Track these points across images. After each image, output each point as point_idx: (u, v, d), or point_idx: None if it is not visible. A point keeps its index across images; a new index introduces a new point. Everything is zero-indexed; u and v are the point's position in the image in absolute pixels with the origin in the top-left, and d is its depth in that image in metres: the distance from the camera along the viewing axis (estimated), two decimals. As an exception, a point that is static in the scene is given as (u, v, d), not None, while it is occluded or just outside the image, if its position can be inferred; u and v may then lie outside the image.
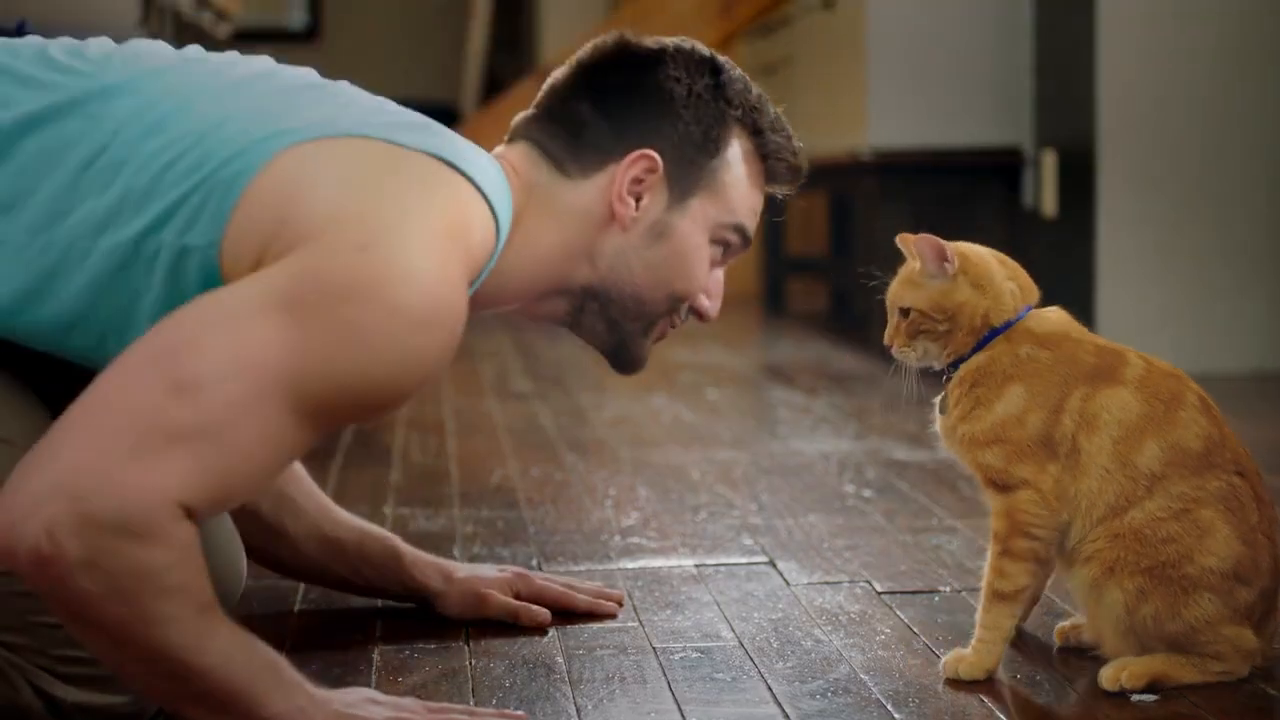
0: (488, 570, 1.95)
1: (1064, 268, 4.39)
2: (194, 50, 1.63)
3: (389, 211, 1.43)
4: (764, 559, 2.22)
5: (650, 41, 1.70)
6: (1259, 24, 4.22)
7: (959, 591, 2.04)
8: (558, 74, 1.72)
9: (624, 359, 1.75)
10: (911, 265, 1.79)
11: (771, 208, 1.81)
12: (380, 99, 1.62)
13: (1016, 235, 4.72)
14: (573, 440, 3.24)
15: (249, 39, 9.55)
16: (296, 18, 11.35)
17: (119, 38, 1.63)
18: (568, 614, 1.92)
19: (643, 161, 1.64)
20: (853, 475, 2.85)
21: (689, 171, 1.66)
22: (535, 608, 1.89)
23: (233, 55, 1.64)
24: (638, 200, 1.65)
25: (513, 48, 10.23)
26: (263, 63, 1.62)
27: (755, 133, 1.71)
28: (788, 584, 2.09)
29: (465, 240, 1.49)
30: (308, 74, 1.63)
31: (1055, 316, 1.76)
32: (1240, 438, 1.72)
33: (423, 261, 1.41)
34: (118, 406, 1.33)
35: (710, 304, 1.73)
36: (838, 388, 4.05)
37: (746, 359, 4.84)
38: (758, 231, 1.82)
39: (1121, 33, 4.21)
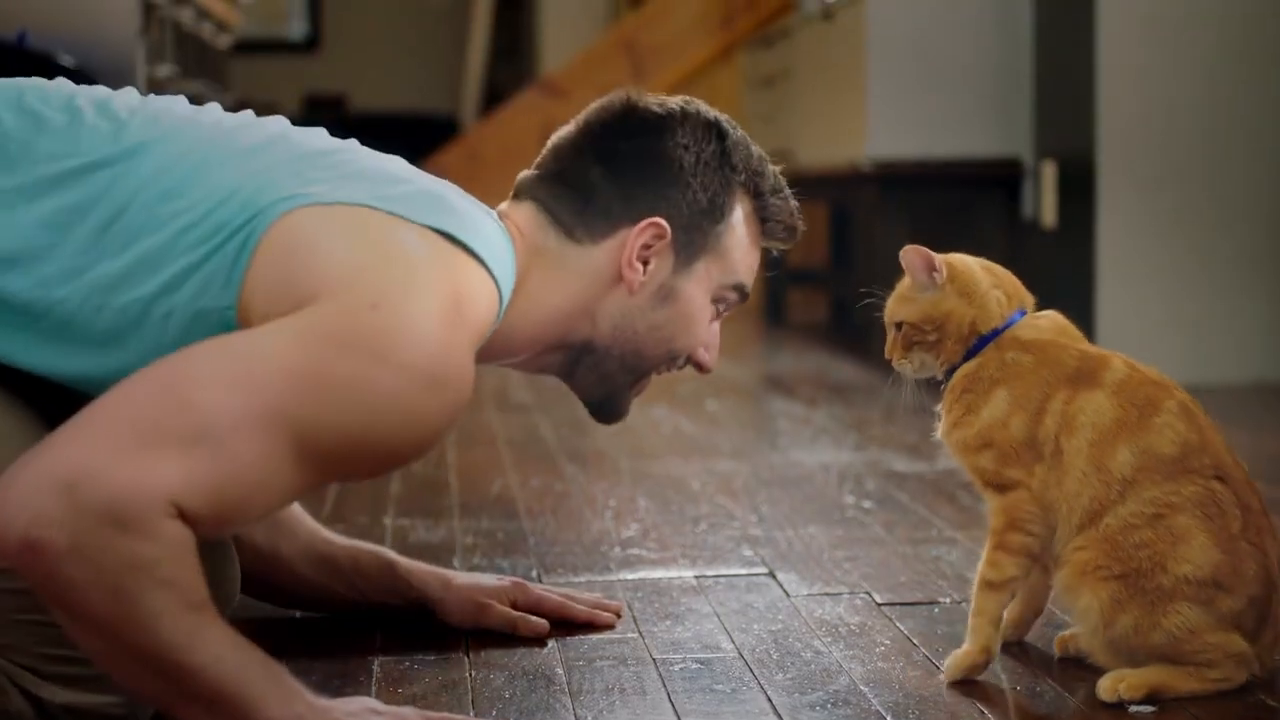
0: (486, 579, 1.95)
1: (1064, 278, 4.39)
2: (212, 110, 1.64)
3: (397, 275, 1.46)
4: (764, 570, 2.22)
5: (657, 105, 1.72)
6: (1258, 35, 4.23)
7: (959, 603, 2.04)
8: (564, 134, 1.74)
9: (609, 410, 1.81)
10: (906, 280, 1.81)
11: (768, 262, 1.85)
12: (391, 164, 1.62)
13: (1016, 246, 4.72)
14: (573, 451, 3.24)
15: (250, 50, 9.57)
16: (297, 28, 11.36)
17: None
18: (567, 625, 1.92)
19: (652, 229, 1.68)
20: (853, 486, 2.85)
21: (695, 237, 1.71)
22: (534, 618, 1.89)
23: (248, 116, 1.65)
24: (645, 265, 1.69)
25: (513, 58, 10.25)
26: (276, 125, 1.62)
27: (756, 195, 1.75)
28: (787, 595, 2.09)
29: (470, 311, 1.52)
30: (319, 136, 1.64)
31: (1045, 322, 1.78)
32: (1240, 448, 1.72)
33: (431, 326, 1.44)
34: (120, 411, 1.35)
35: (709, 356, 1.79)
36: (838, 399, 4.05)
37: (746, 370, 4.84)
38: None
39: (1121, 44, 4.22)
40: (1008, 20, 4.73)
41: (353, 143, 1.65)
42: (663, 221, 1.68)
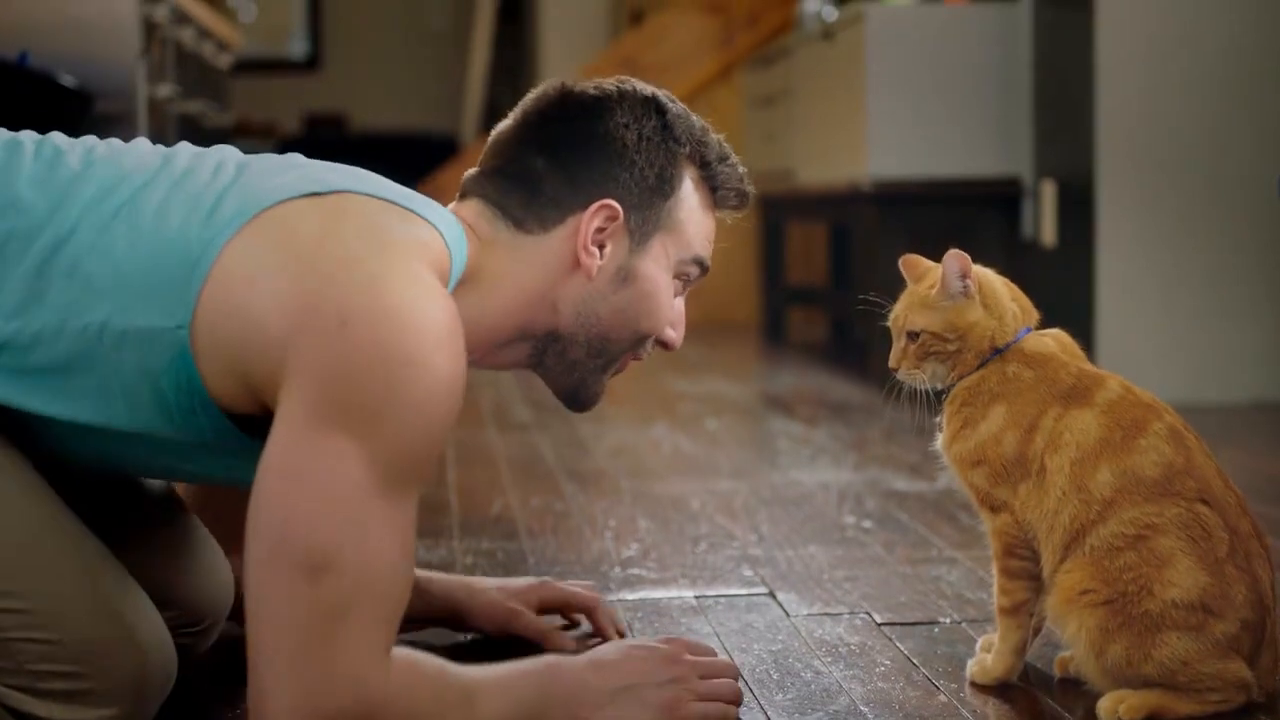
0: (512, 582, 1.96)
1: (1063, 298, 4.39)
2: (182, 148, 1.63)
3: (345, 268, 1.44)
4: (764, 590, 2.22)
5: (592, 88, 1.72)
6: (1256, 55, 4.24)
7: (959, 623, 2.04)
8: (503, 128, 1.73)
9: (581, 397, 1.79)
10: (917, 288, 1.81)
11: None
12: (307, 159, 1.63)
13: (1016, 265, 4.73)
14: (573, 471, 3.24)
15: (250, 69, 9.59)
16: (297, 48, 11.38)
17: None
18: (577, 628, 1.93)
19: (604, 211, 1.67)
20: (852, 506, 2.85)
21: (647, 215, 1.69)
22: (562, 634, 1.90)
23: (180, 145, 1.64)
24: (601, 249, 1.68)
25: (513, 77, 10.26)
26: (203, 155, 1.60)
27: (703, 165, 1.74)
28: (787, 615, 2.09)
29: (426, 256, 1.51)
30: (231, 154, 1.61)
31: (1049, 339, 1.79)
32: (1238, 467, 1.72)
33: (398, 298, 1.43)
34: (283, 626, 1.39)
35: (675, 334, 1.77)
36: (837, 418, 4.05)
37: (746, 389, 4.84)
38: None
39: (1120, 64, 4.23)
40: (1007, 40, 4.73)
41: (294, 155, 1.65)
42: (614, 203, 1.67)
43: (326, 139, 10.00)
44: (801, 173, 5.55)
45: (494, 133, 1.74)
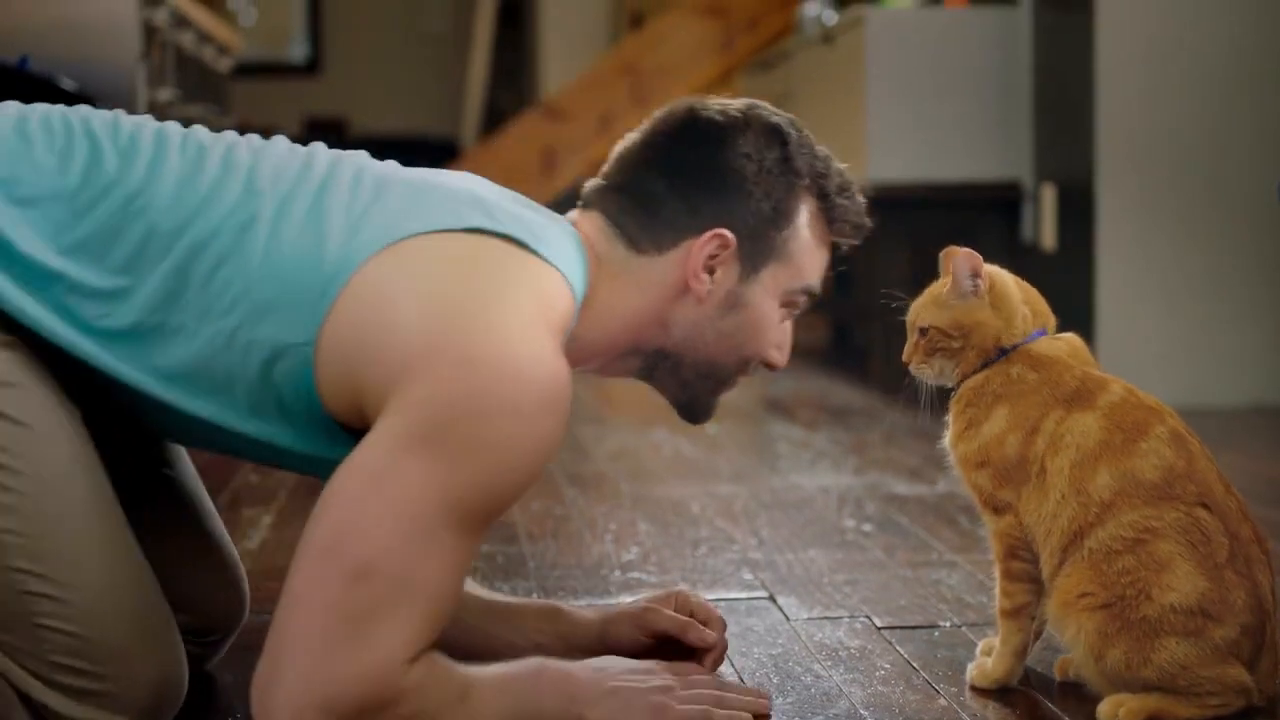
0: (644, 595, 1.89)
1: (1063, 301, 4.37)
2: (274, 142, 1.66)
3: (476, 312, 1.49)
4: (764, 594, 2.22)
5: (719, 113, 1.72)
6: (1256, 58, 4.24)
7: (959, 626, 2.04)
8: (628, 144, 1.75)
9: (694, 411, 1.80)
10: (936, 286, 1.81)
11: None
12: (441, 175, 1.65)
13: (1016, 268, 4.69)
14: (573, 474, 3.24)
15: (251, 72, 9.59)
16: (298, 51, 11.39)
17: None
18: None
19: (716, 240, 1.68)
20: (852, 510, 2.85)
21: (760, 245, 1.70)
22: (700, 627, 1.81)
23: (315, 147, 1.66)
24: (711, 274, 1.70)
25: (513, 81, 10.26)
26: (340, 163, 1.63)
27: (822, 197, 1.74)
28: (788, 619, 2.09)
29: (549, 313, 1.55)
30: (367, 166, 1.64)
31: (1060, 344, 1.80)
32: (1239, 470, 1.72)
33: (520, 349, 1.48)
34: (315, 610, 1.43)
35: (779, 356, 1.78)
36: (837, 422, 4.05)
37: (746, 393, 4.83)
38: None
39: (1120, 67, 4.23)
40: (1007, 43, 4.74)
41: (423, 171, 1.67)
42: (727, 232, 1.68)
43: (326, 143, 9.96)
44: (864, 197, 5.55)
45: (619, 146, 1.76)
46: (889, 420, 4.06)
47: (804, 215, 1.73)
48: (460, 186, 1.63)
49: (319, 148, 1.65)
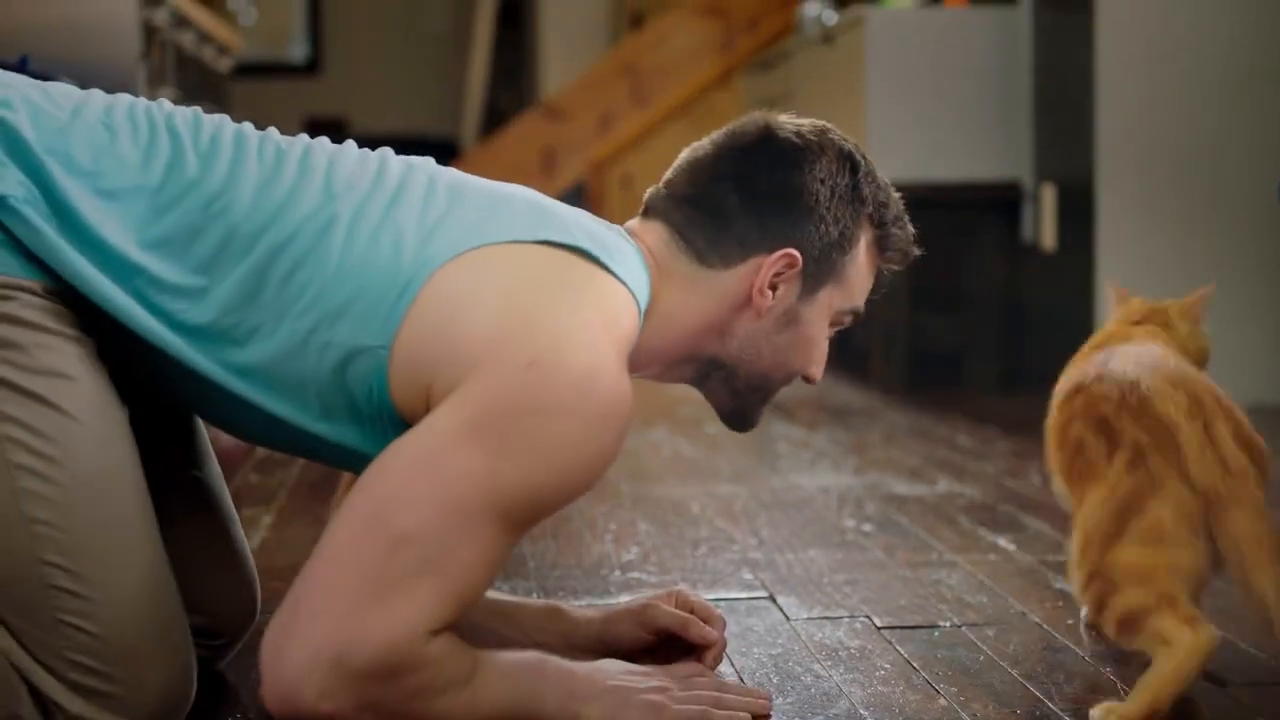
0: (643, 595, 1.91)
1: (1063, 301, 4.40)
2: (345, 149, 1.69)
3: (547, 320, 1.52)
4: (764, 594, 2.22)
5: (795, 135, 1.74)
6: (1256, 59, 4.24)
7: (959, 626, 2.04)
8: (700, 155, 1.76)
9: (741, 421, 1.83)
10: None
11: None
12: (511, 187, 1.69)
13: (1016, 268, 4.73)
14: (572, 474, 3.24)
15: (251, 72, 9.59)
16: (298, 51, 11.39)
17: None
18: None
19: (785, 260, 1.71)
20: (852, 510, 2.85)
21: (823, 267, 1.73)
22: (701, 624, 1.82)
23: (385, 153, 1.69)
24: (774, 290, 1.72)
25: (513, 81, 10.26)
26: (412, 170, 1.66)
27: (879, 225, 1.77)
28: (788, 619, 2.09)
29: (616, 330, 1.58)
30: (439, 174, 1.68)
31: None
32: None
33: (587, 359, 1.51)
34: (348, 566, 1.45)
35: (818, 370, 1.81)
36: (837, 422, 4.05)
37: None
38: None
39: (1120, 68, 4.23)
40: (1007, 43, 4.74)
41: (483, 181, 1.70)
42: (796, 253, 1.71)
43: (379, 148, 9.96)
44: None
45: (687, 155, 1.77)
46: (889, 420, 4.06)
47: (863, 241, 1.76)
48: (529, 198, 1.66)
49: (389, 153, 1.69)
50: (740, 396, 1.80)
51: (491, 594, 1.89)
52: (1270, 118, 4.25)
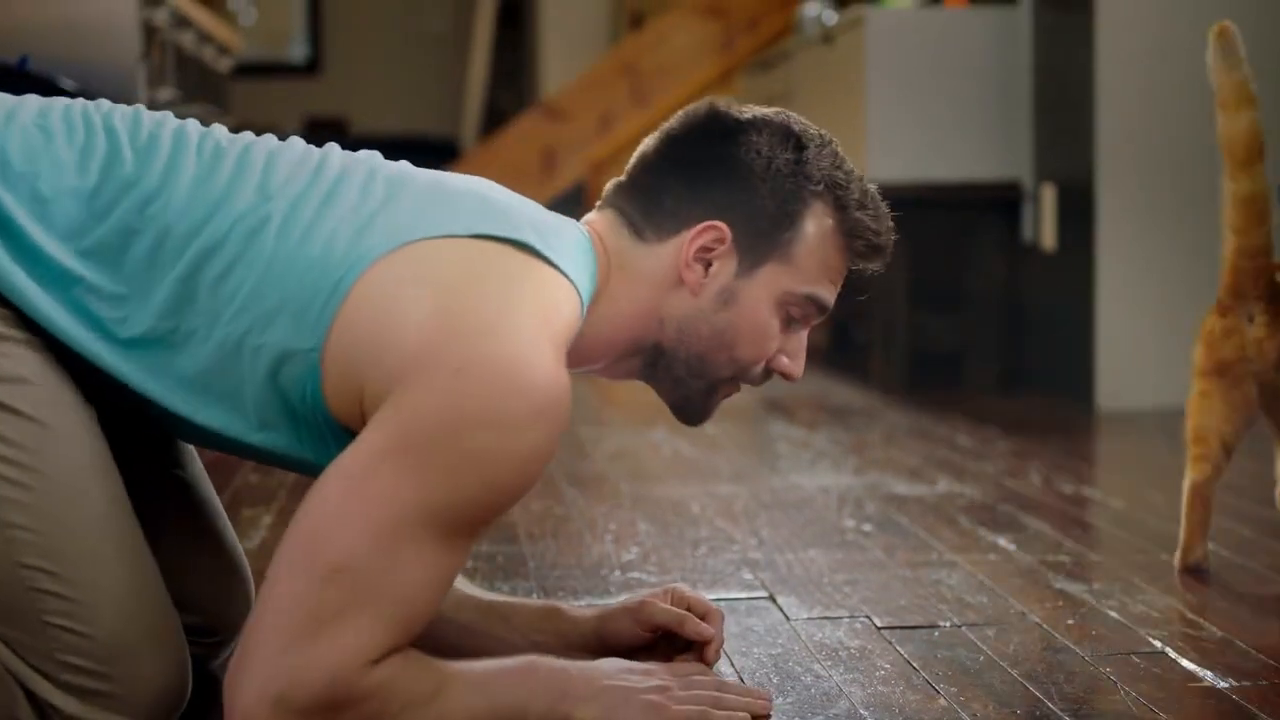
0: (639, 593, 1.89)
1: (1063, 302, 4.40)
2: (288, 145, 1.66)
3: (477, 321, 1.49)
4: (764, 594, 2.22)
5: (739, 112, 1.72)
6: (1256, 60, 4.23)
7: (959, 626, 2.04)
8: (648, 143, 1.75)
9: (686, 413, 1.78)
10: None
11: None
12: (453, 178, 1.65)
13: (1016, 268, 4.73)
14: (572, 474, 3.24)
15: (251, 72, 9.59)
16: (298, 51, 11.39)
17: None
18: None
19: (711, 232, 1.67)
20: (852, 510, 2.85)
21: (760, 242, 1.69)
22: (697, 620, 1.80)
23: (330, 149, 1.66)
24: (706, 267, 1.69)
25: (513, 81, 10.26)
26: (353, 164, 1.63)
27: (839, 208, 1.72)
28: (787, 619, 2.09)
29: (555, 322, 1.55)
30: (380, 167, 1.64)
31: None
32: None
33: (518, 358, 1.47)
34: (286, 603, 1.43)
35: (790, 364, 1.76)
36: (837, 422, 4.05)
37: (746, 393, 4.83)
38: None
39: (1120, 67, 4.23)
40: (1007, 43, 4.74)
41: (428, 173, 1.67)
42: (722, 225, 1.67)
43: (327, 143, 9.97)
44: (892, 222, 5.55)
45: (640, 146, 1.76)
46: (889, 420, 4.06)
47: (815, 222, 1.70)
48: (472, 191, 1.63)
49: (333, 149, 1.66)
50: (684, 384, 1.74)
51: (488, 595, 1.88)
52: (1270, 118, 4.25)
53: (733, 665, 1.87)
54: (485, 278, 1.53)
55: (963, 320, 4.71)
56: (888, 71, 4.76)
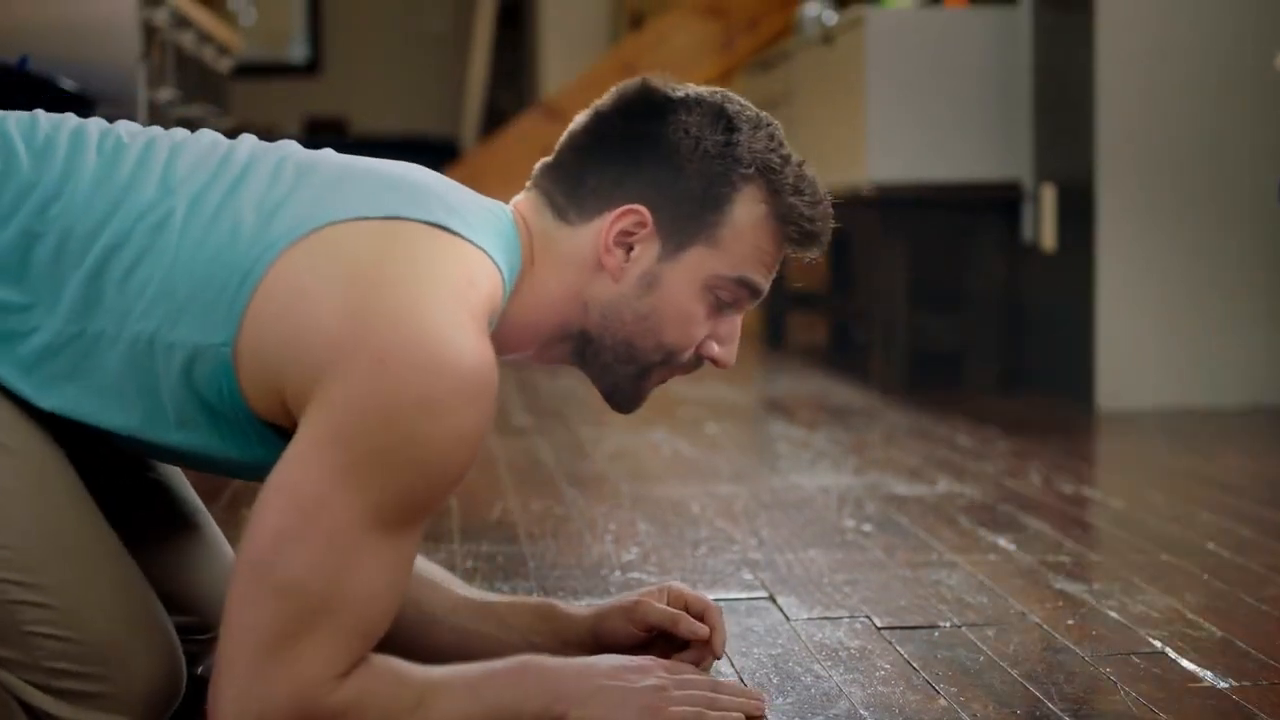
0: (636, 591, 1.87)
1: (1063, 302, 4.39)
2: (194, 135, 1.62)
3: (391, 306, 1.44)
4: (764, 594, 2.22)
5: (670, 90, 1.67)
6: (1256, 59, 4.24)
7: (959, 627, 2.04)
8: (577, 120, 1.70)
9: (617, 400, 1.74)
10: None
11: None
12: (368, 162, 1.61)
13: (1016, 269, 4.73)
14: (573, 474, 3.24)
15: (251, 73, 9.59)
16: (298, 52, 11.39)
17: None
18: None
19: (631, 215, 1.63)
20: (852, 510, 2.85)
21: (684, 225, 1.64)
22: (692, 620, 1.78)
23: (242, 139, 1.62)
24: (627, 251, 1.64)
25: (513, 81, 10.26)
26: (263, 152, 1.59)
27: (772, 193, 1.66)
28: (787, 619, 2.09)
29: (474, 297, 1.50)
30: (292, 154, 1.60)
31: None
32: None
33: (438, 340, 1.43)
34: (243, 631, 1.42)
35: (721, 351, 1.71)
36: (837, 422, 4.05)
37: (746, 393, 4.84)
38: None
39: (1120, 68, 4.23)
40: (1007, 43, 4.74)
41: (327, 151, 1.64)
42: (642, 208, 1.62)
43: (327, 143, 9.95)
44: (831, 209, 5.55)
45: (571, 124, 1.71)
46: (889, 420, 4.06)
47: (745, 206, 1.65)
48: (385, 172, 1.58)
49: (245, 139, 1.61)
50: (611, 371, 1.69)
51: (484, 595, 1.87)
52: (1270, 118, 4.25)
53: (733, 665, 1.87)
54: (398, 259, 1.48)
55: (963, 320, 4.71)
56: (888, 72, 4.76)
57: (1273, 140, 4.25)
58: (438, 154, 9.42)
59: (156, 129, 1.60)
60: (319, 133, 10.54)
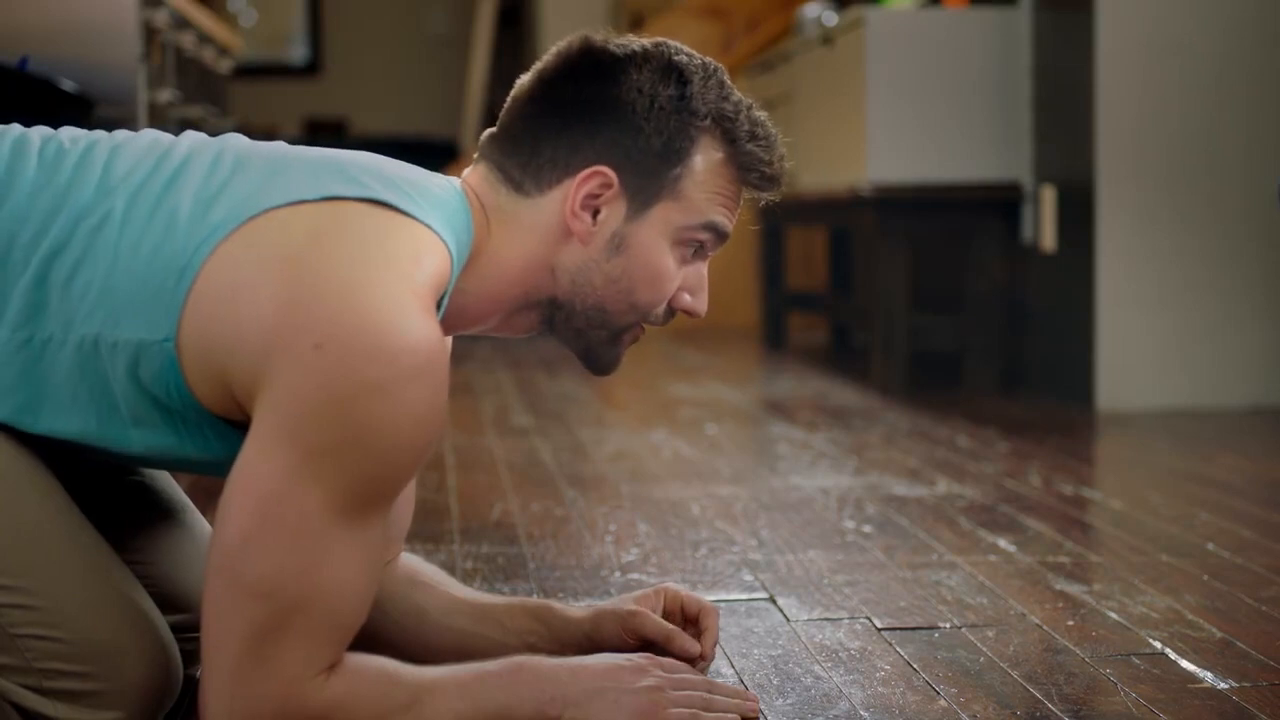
0: (634, 594, 1.88)
1: (1063, 302, 4.39)
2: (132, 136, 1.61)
3: (331, 288, 1.42)
4: (764, 595, 2.22)
5: (616, 47, 1.66)
6: (1256, 60, 4.24)
7: (959, 628, 2.04)
8: (519, 85, 1.68)
9: (594, 363, 1.73)
10: None
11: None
12: (313, 149, 1.59)
13: (1016, 270, 4.73)
14: (573, 475, 3.24)
15: (251, 74, 9.59)
16: (298, 53, 11.38)
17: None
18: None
19: (596, 178, 1.61)
20: (852, 511, 2.85)
21: (648, 183, 1.63)
22: (686, 636, 1.79)
23: (184, 135, 1.61)
24: (595, 214, 1.63)
25: (513, 82, 10.25)
26: (201, 146, 1.57)
27: (729, 141, 1.66)
28: (787, 620, 2.09)
29: (418, 275, 1.47)
30: (232, 145, 1.58)
31: None
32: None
33: (380, 321, 1.40)
34: (220, 640, 1.42)
35: (694, 300, 1.69)
36: (837, 423, 4.05)
37: (746, 394, 4.83)
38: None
39: (1120, 69, 4.23)
40: (1007, 44, 4.74)
41: (279, 143, 1.62)
42: (607, 170, 1.61)
43: (326, 144, 9.97)
44: (801, 177, 5.55)
45: (513, 89, 1.69)
46: (889, 421, 4.06)
47: (704, 156, 1.64)
48: (325, 155, 1.56)
49: (187, 135, 1.60)
50: (584, 335, 1.68)
51: (480, 596, 1.88)
52: (1270, 119, 4.25)
53: (733, 666, 1.87)
54: (335, 240, 1.46)
55: (963, 321, 4.71)
56: (888, 72, 4.76)
57: (1272, 141, 4.25)
58: (438, 155, 9.42)
59: (99, 132, 1.59)
60: (319, 134, 10.54)
